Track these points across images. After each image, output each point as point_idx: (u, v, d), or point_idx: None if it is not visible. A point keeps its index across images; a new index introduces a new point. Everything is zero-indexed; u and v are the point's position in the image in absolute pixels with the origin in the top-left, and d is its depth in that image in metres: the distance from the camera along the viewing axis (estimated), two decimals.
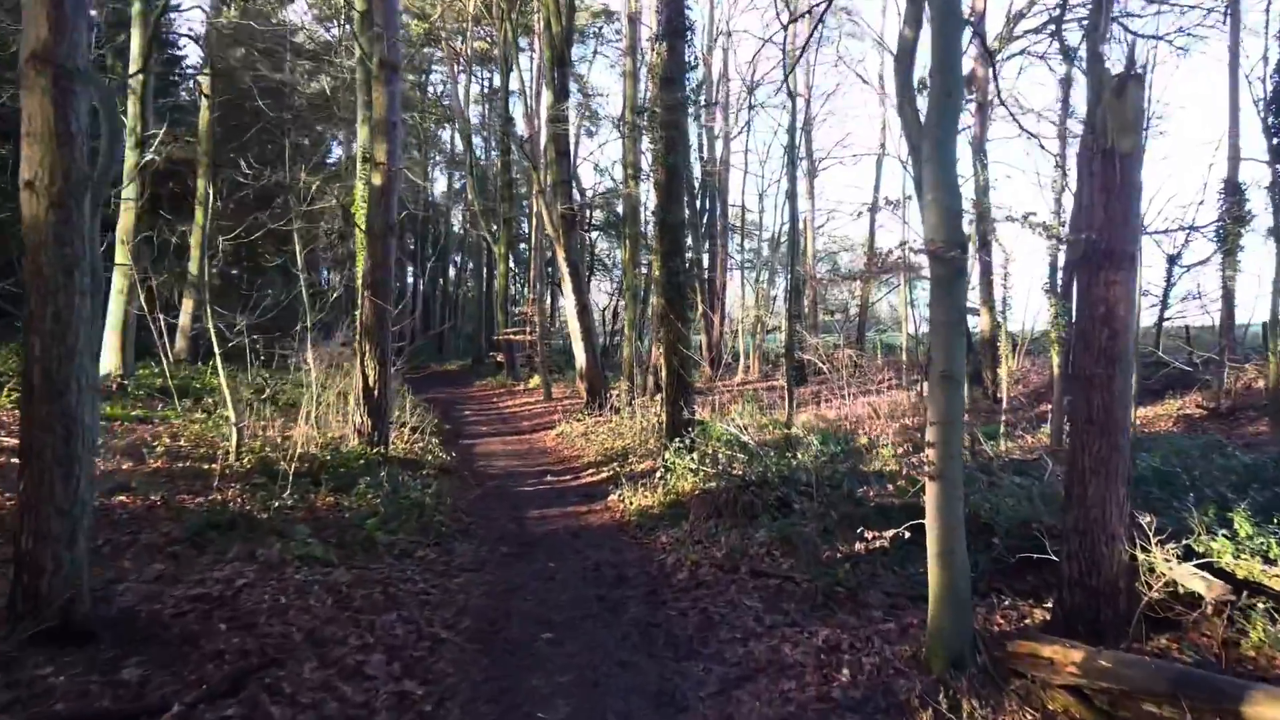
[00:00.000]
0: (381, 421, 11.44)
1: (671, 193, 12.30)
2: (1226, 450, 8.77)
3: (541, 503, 10.95)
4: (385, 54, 11.26)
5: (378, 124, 11.36)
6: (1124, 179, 5.62)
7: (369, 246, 11.39)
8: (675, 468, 10.57)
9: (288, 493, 8.81)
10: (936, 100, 5.76)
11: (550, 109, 18.46)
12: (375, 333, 11.42)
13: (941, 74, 5.75)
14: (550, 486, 12.03)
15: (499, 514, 10.27)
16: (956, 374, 5.45)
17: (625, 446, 14.17)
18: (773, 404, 19.54)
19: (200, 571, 6.52)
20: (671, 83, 12.45)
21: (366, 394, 11.39)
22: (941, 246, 5.44)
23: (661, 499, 9.96)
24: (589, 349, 18.48)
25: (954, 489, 5.42)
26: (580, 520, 9.94)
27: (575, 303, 18.61)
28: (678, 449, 10.82)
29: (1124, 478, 5.65)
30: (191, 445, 11.46)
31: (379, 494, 9.26)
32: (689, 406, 11.94)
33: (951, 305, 5.51)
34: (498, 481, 12.44)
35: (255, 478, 9.35)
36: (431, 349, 42.39)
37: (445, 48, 29.50)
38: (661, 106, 12.58)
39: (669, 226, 12.20)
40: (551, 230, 18.63)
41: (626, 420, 16.36)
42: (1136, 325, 5.83)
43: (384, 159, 11.28)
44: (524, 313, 24.00)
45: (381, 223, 11.32)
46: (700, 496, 9.64)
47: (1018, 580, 6.72)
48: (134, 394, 15.60)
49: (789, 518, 8.70)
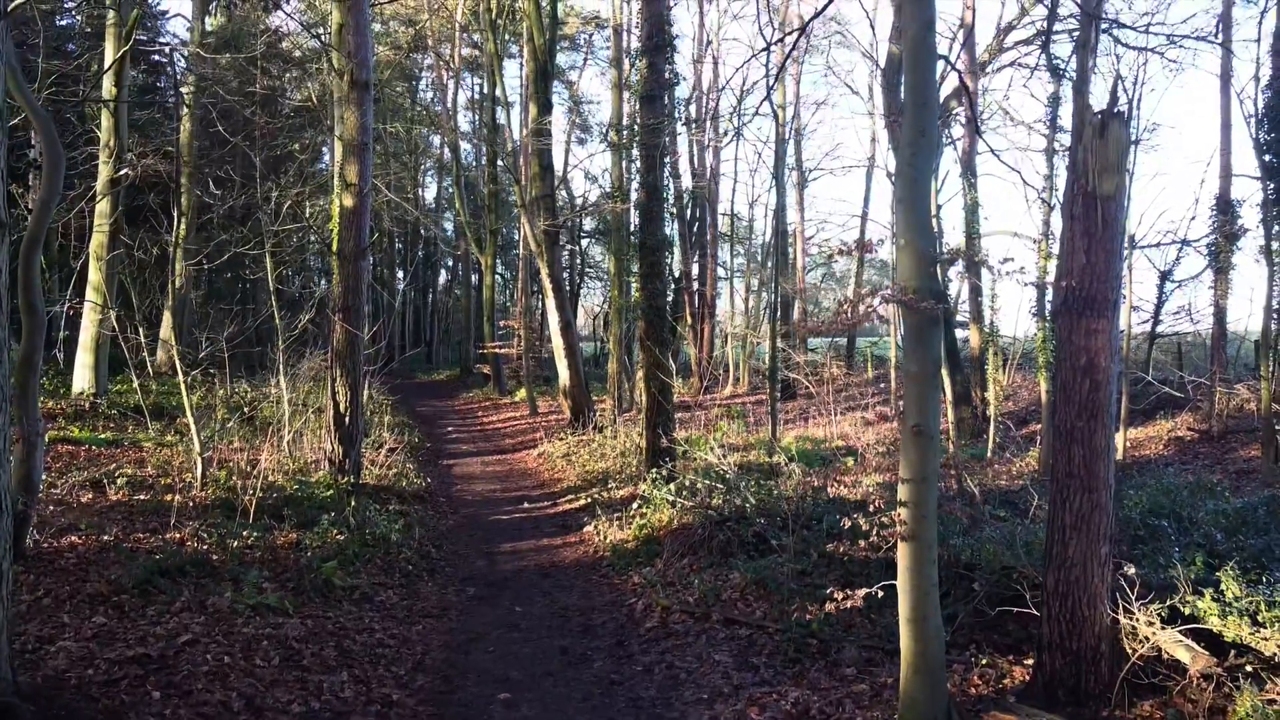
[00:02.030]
0: (353, 448, 11.14)
1: (652, 214, 12.03)
2: (1217, 490, 8.52)
3: (515, 534, 10.67)
4: (356, 73, 10.98)
5: (349, 144, 11.07)
6: (1105, 223, 5.36)
7: (340, 270, 11.09)
8: (653, 499, 10.30)
9: (248, 530, 8.52)
10: (911, 138, 5.48)
11: (533, 123, 18.19)
12: (347, 357, 11.12)
13: (915, 111, 5.46)
14: (526, 515, 11.75)
15: (470, 548, 9.99)
16: (930, 429, 5.18)
17: (606, 470, 13.91)
18: (760, 420, 19.31)
19: (144, 626, 6.22)
20: (653, 100, 12.19)
21: (337, 420, 11.09)
22: (915, 295, 5.18)
23: (637, 533, 9.69)
24: (573, 367, 18.20)
25: (927, 550, 5.15)
26: (553, 555, 9.66)
27: (558, 320, 18.32)
28: (655, 479, 10.54)
29: (1106, 535, 5.38)
30: (157, 472, 11.14)
31: (344, 530, 8.97)
32: (668, 433, 11.67)
33: (926, 356, 5.24)
34: (473, 509, 12.16)
35: (216, 513, 9.05)
36: (420, 358, 42.11)
37: (433, 54, 29.19)
38: (642, 125, 12.31)
39: (649, 249, 11.92)
40: (534, 246, 18.34)
41: (609, 440, 16.10)
42: (1121, 369, 5.57)
43: (355, 180, 11.00)
44: (510, 325, 23.72)
45: (353, 245, 11.03)
46: (676, 532, 9.38)
47: (997, 632, 6.45)
48: (106, 413, 15.27)
49: (766, 557, 8.44)
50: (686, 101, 24.97)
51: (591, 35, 36.40)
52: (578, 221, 39.18)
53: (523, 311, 22.64)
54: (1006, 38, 21.09)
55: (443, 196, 47.37)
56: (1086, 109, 5.33)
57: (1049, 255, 13.72)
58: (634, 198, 17.67)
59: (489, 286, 26.96)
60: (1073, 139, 5.46)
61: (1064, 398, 5.47)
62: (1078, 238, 5.42)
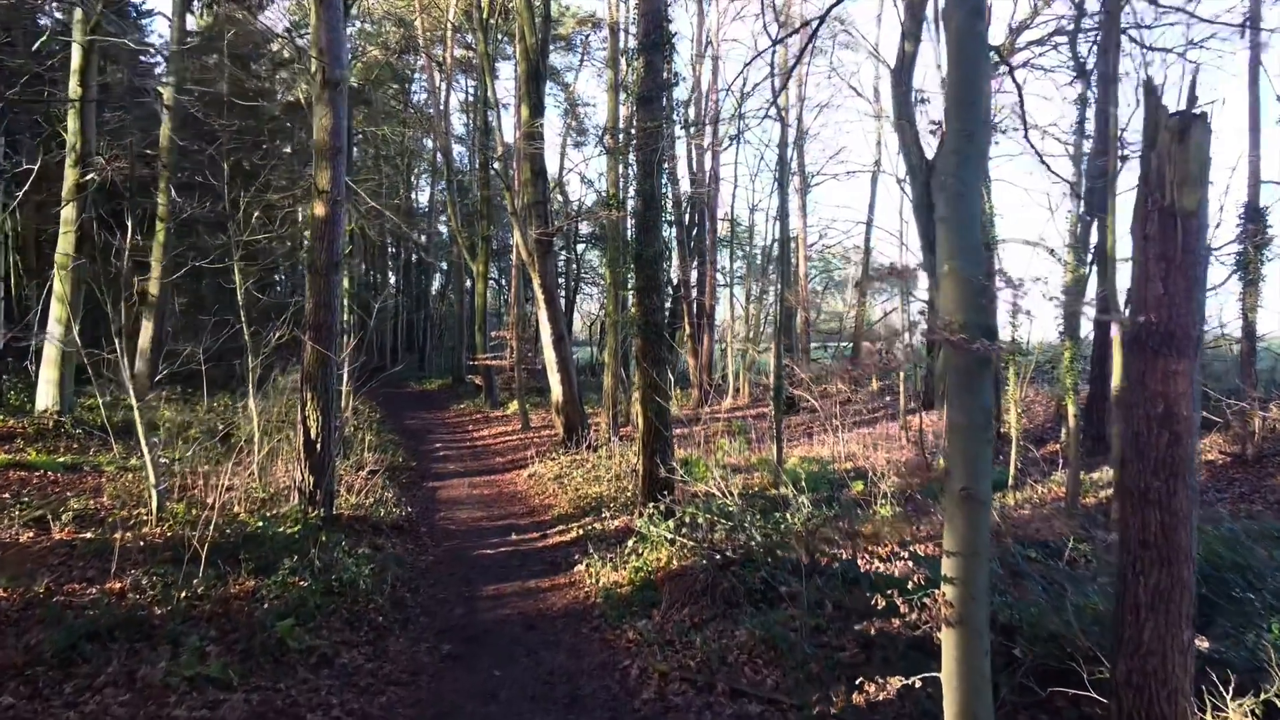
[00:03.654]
0: (325, 477, 10.27)
1: (649, 223, 11.16)
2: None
3: (501, 572, 9.80)
4: (328, 71, 10.11)
5: (320, 148, 10.18)
6: (1187, 245, 4.50)
7: (311, 284, 10.22)
8: (650, 536, 9.44)
9: (199, 577, 7.64)
10: (955, 144, 4.62)
11: (525, 125, 17.32)
12: (318, 379, 10.25)
13: (961, 111, 4.61)
14: (513, 548, 10.88)
15: (450, 590, 9.12)
16: (982, 492, 4.32)
17: (600, 495, 13.05)
18: (763, 436, 18.47)
19: (57, 708, 5.35)
20: (650, 102, 11.33)
21: (308, 447, 10.22)
22: (962, 333, 4.32)
23: (632, 576, 8.82)
24: (566, 381, 17.32)
25: (978, 639, 4.30)
26: (540, 600, 8.78)
27: (551, 332, 17.43)
28: (652, 514, 9.68)
29: (1188, 617, 4.53)
30: (112, 503, 10.27)
31: (308, 575, 8.09)
32: (666, 462, 10.79)
33: (975, 404, 4.38)
34: (457, 541, 11.28)
35: (166, 554, 8.17)
36: (414, 366, 41.19)
37: (425, 55, 28.32)
38: (639, 128, 11.46)
39: (646, 261, 11.03)
40: (525, 255, 17.46)
41: (604, 460, 15.25)
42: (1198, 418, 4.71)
43: (327, 186, 10.12)
44: (502, 335, 22.87)
45: (324, 258, 10.16)
46: (675, 575, 8.52)
47: (1049, 714, 5.59)
48: (70, 433, 14.39)
49: (776, 609, 7.60)
50: (685, 104, 24.12)
51: (587, 36, 35.57)
52: (574, 226, 38.34)
53: (515, 321, 21.76)
54: (1019, 37, 20.25)
55: (437, 201, 46.54)
56: (1161, 110, 4.46)
57: (1075, 269, 12.86)
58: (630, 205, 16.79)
59: (480, 295, 26.05)
60: (1144, 146, 4.60)
61: (1136, 451, 4.61)
62: (1153, 262, 4.57)
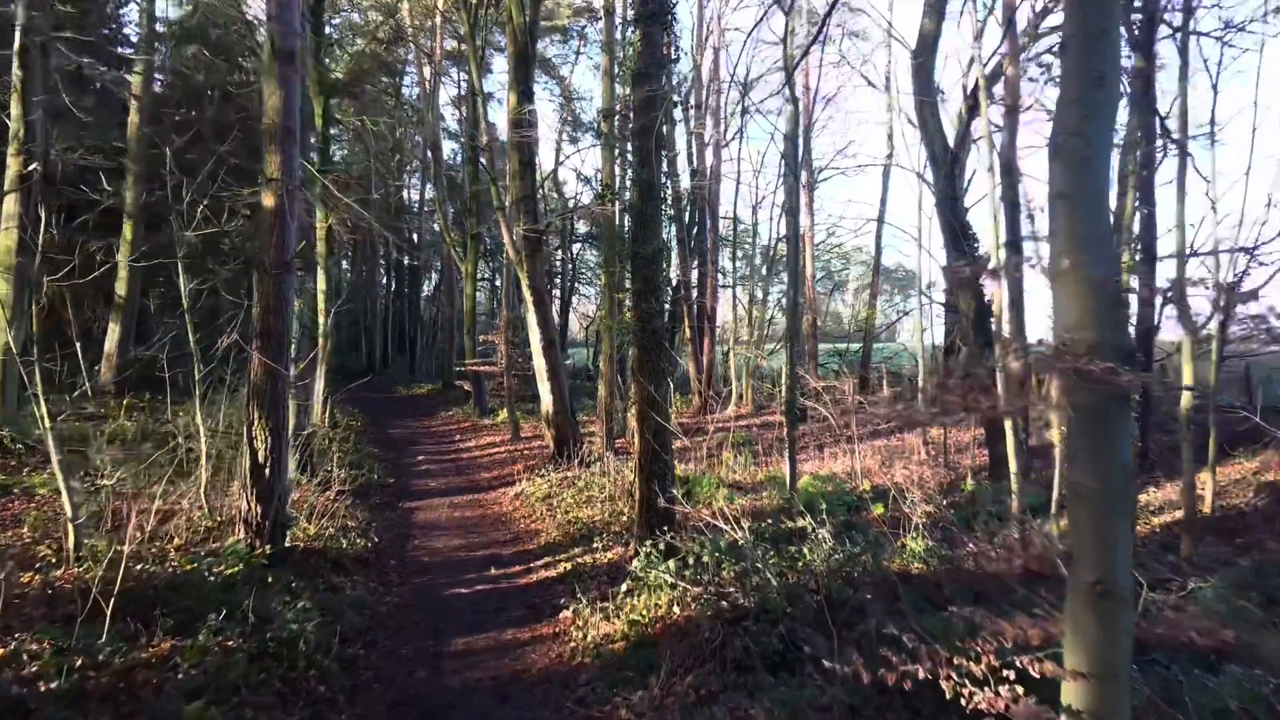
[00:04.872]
0: (273, 508, 8.94)
1: (646, 217, 9.81)
2: None
3: (475, 620, 8.47)
4: (279, 40, 8.79)
5: (270, 129, 8.84)
6: None
7: (258, 285, 8.88)
8: (648, 579, 8.13)
9: (105, 638, 6.33)
10: (1079, 91, 3.30)
11: (512, 112, 15.98)
12: (266, 394, 8.93)
13: (1086, 44, 3.28)
14: (492, 586, 9.56)
15: (413, 643, 7.79)
16: (1120, 588, 3.03)
17: (592, 520, 11.74)
18: (770, 448, 17.18)
19: None
20: (647, 79, 10.01)
21: (255, 472, 8.89)
22: (1091, 356, 3.03)
23: (626, 628, 7.51)
24: (556, 391, 15.97)
25: None
26: (518, 659, 7.46)
27: (540, 337, 16.08)
28: (650, 554, 8.36)
29: None
30: (31, 537, 8.96)
31: (237, 632, 6.78)
32: (666, 489, 9.45)
33: (1110, 461, 3.08)
34: (428, 576, 9.96)
35: (69, 608, 6.84)
36: (404, 371, 39.89)
37: (414, 45, 27.00)
38: (635, 108, 10.14)
39: (643, 260, 9.69)
40: (513, 253, 16.10)
41: (597, 478, 13.94)
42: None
43: (277, 173, 8.79)
44: (491, 340, 21.56)
45: (274, 256, 8.83)
46: (677, 630, 7.22)
47: None
48: (9, 448, 13.07)
49: (799, 676, 6.31)
50: (685, 94, 22.81)
51: (584, 27, 34.31)
52: (570, 225, 37.02)
53: (505, 325, 20.43)
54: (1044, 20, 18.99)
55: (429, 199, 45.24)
56: None
57: None
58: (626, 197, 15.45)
59: (469, 296, 24.72)
60: None
61: None
62: None
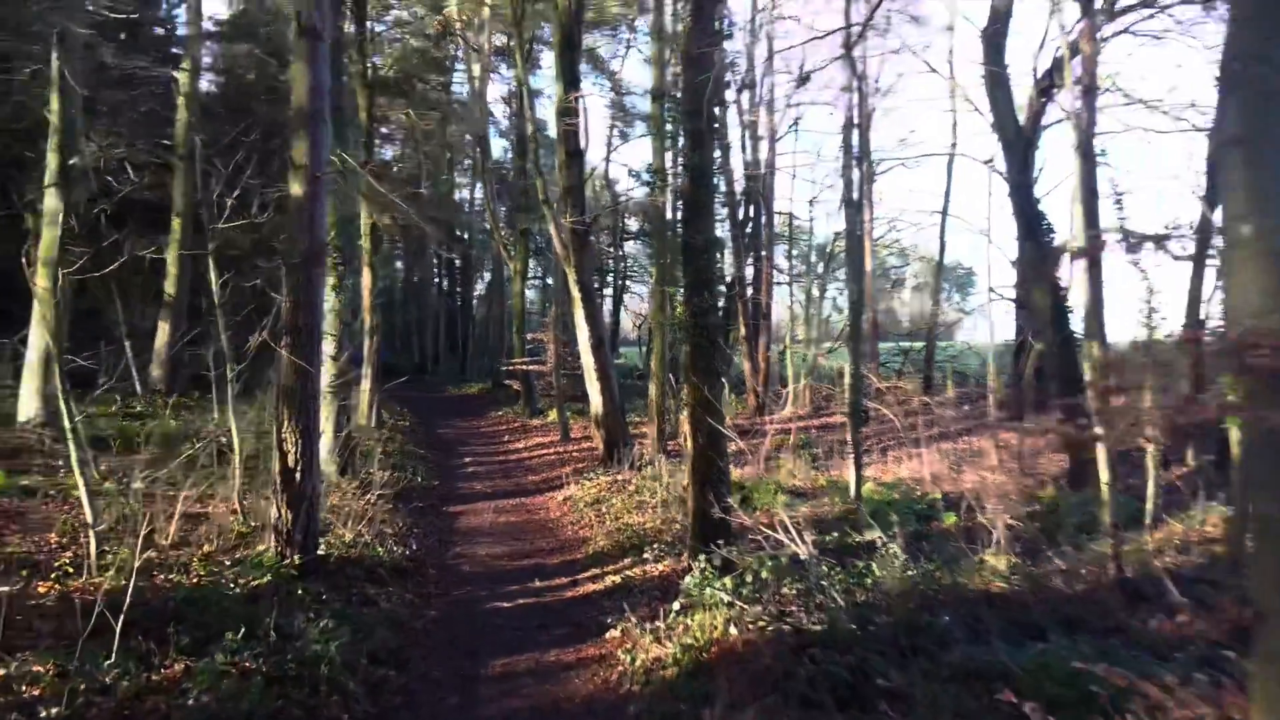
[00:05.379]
0: (305, 515, 8.44)
1: (699, 204, 9.12)
2: None
3: (515, 638, 7.87)
4: (305, 17, 8.29)
5: (298, 113, 8.35)
6: None
7: (287, 279, 8.39)
8: (702, 597, 7.44)
9: (114, 657, 5.85)
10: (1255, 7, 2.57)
11: (559, 101, 15.42)
12: (298, 397, 8.43)
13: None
14: (536, 600, 8.96)
15: (448, 666, 7.20)
16: None
17: (643, 528, 11.12)
18: (831, 450, 16.38)
19: None
20: (700, 60, 9.31)
21: (285, 477, 8.39)
22: None
23: (679, 652, 6.82)
24: (605, 391, 15.36)
25: None
26: (560, 685, 6.83)
27: (589, 335, 15.49)
28: (705, 570, 7.67)
29: None
30: (57, 543, 8.59)
31: (259, 653, 6.25)
32: (722, 498, 8.73)
33: None
34: (469, 587, 9.40)
35: (84, 621, 6.35)
36: (454, 369, 39.70)
37: (461, 41, 26.64)
38: (686, 90, 9.46)
39: (695, 251, 8.99)
40: (560, 247, 15.54)
41: (649, 482, 13.29)
42: None
43: (305, 160, 8.29)
44: (539, 338, 21.06)
45: (303, 247, 8.33)
46: (735, 656, 6.52)
47: None
48: (53, 448, 12.81)
49: (871, 715, 5.58)
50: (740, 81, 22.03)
51: (634, 20, 33.70)
52: (621, 222, 36.46)
53: (553, 323, 19.90)
54: None
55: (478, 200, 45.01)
56: None
57: None
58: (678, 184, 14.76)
59: (518, 294, 24.29)
60: None
61: None
62: None
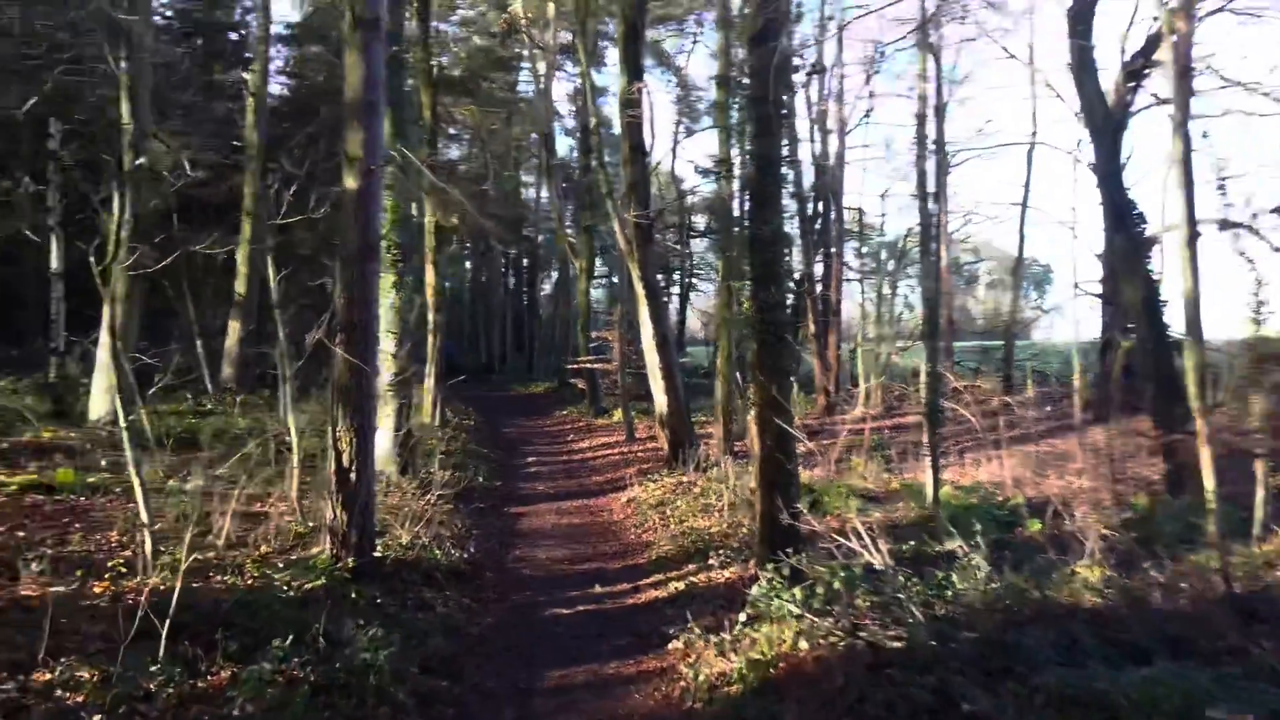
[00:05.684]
0: (360, 516, 8.23)
1: (765, 194, 8.66)
2: None
3: (574, 647, 7.53)
4: (360, 7, 8.09)
5: (352, 104, 8.15)
6: None
7: (341, 275, 8.20)
8: (769, 609, 7.00)
9: (160, 663, 5.67)
10: None
11: (622, 93, 15.11)
12: (352, 395, 8.23)
13: None
14: (596, 606, 8.62)
15: (502, 677, 6.89)
16: None
17: (709, 532, 10.72)
18: (903, 452, 15.74)
19: None
20: (766, 38, 8.84)
21: (340, 478, 8.20)
22: None
23: (745, 668, 6.39)
24: (670, 390, 14.99)
25: None
26: (620, 699, 6.47)
27: (653, 332, 15.13)
28: (773, 581, 7.23)
29: None
30: (117, 541, 8.56)
31: (305, 658, 6.02)
32: (791, 503, 8.26)
33: None
34: (528, 592, 9.11)
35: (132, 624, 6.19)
36: (520, 368, 39.75)
37: (526, 38, 26.53)
38: (752, 74, 9.01)
39: (762, 243, 8.53)
40: (623, 243, 15.21)
41: (715, 484, 12.86)
42: None
43: (360, 152, 8.08)
44: (604, 337, 20.79)
45: (357, 241, 8.13)
46: (805, 674, 6.08)
47: None
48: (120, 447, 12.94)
49: None
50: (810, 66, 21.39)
51: (701, 15, 33.31)
52: (687, 220, 36.05)
53: (618, 321, 19.60)
54: None
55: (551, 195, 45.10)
56: None
57: None
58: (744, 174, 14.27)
59: (583, 292, 24.09)
60: None
61: None
62: None
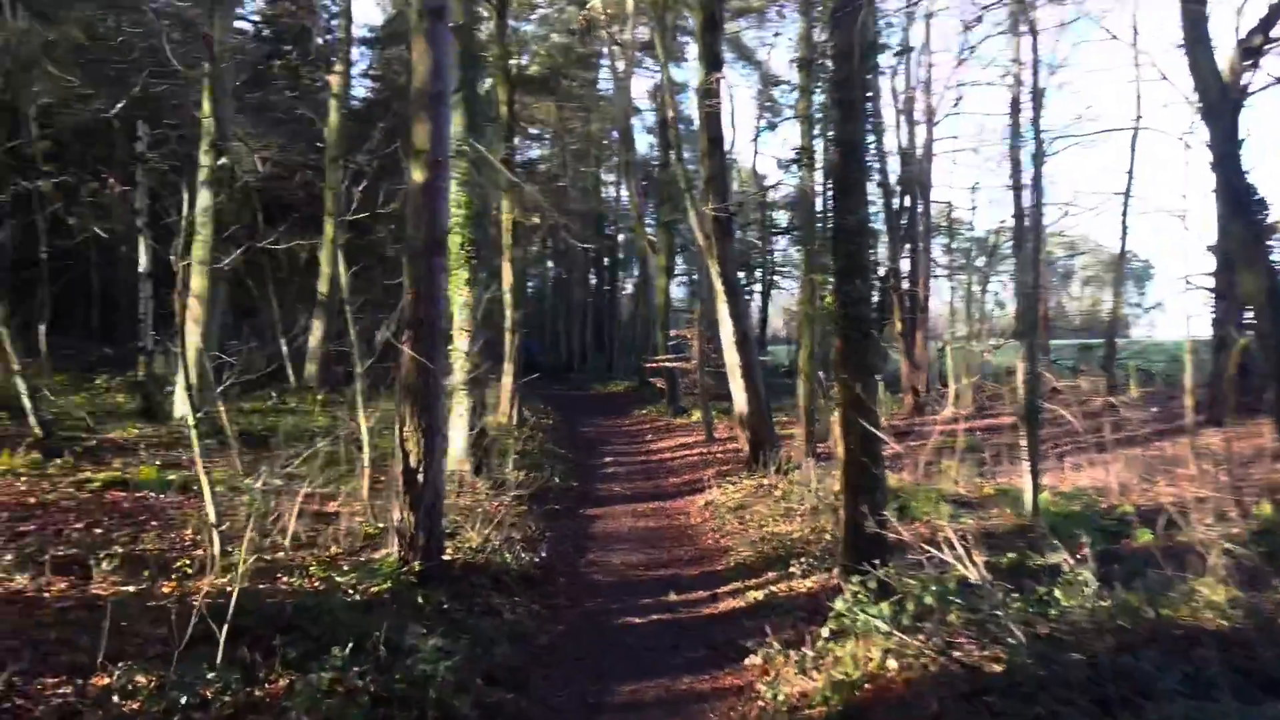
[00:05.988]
0: (427, 518, 8.02)
1: (850, 182, 8.14)
2: None
3: (646, 660, 7.16)
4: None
5: (419, 95, 7.94)
6: None
7: (408, 270, 8.00)
8: (854, 623, 6.52)
9: (217, 670, 5.51)
10: None
11: (700, 83, 14.69)
12: (420, 394, 8.03)
13: None
14: (670, 616, 8.24)
15: (569, 691, 6.56)
16: None
17: (790, 538, 10.26)
18: (997, 455, 14.93)
19: None
20: (849, 18, 8.33)
21: (407, 478, 8.00)
22: None
23: (828, 690, 5.93)
24: (750, 389, 14.52)
25: None
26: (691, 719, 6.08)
27: (733, 330, 14.67)
28: (859, 593, 6.73)
29: None
30: (190, 540, 8.54)
31: (365, 667, 5.79)
32: (876, 509, 7.73)
33: None
34: (600, 599, 8.79)
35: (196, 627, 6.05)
36: (600, 367, 39.65)
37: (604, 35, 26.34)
38: (835, 55, 8.51)
39: (846, 233, 8.02)
40: (701, 238, 14.80)
41: (796, 487, 12.37)
42: None
43: (426, 144, 7.87)
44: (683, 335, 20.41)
45: (424, 236, 7.92)
46: (896, 702, 5.59)
47: None
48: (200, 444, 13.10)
49: None
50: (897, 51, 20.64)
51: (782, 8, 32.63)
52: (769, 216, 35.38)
53: (698, 319, 19.20)
54: None
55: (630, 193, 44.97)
56: None
57: None
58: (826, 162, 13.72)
59: (661, 290, 23.76)
60: None
61: None
62: None
